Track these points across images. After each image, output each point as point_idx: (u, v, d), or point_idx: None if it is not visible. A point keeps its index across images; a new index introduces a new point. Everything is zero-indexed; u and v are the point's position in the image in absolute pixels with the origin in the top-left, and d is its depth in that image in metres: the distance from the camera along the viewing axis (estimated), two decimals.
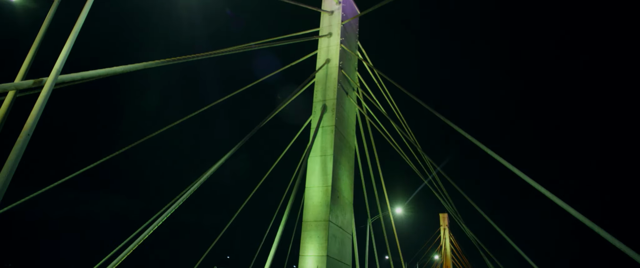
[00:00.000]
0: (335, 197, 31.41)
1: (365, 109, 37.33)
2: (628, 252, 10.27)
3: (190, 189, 21.50)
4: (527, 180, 13.69)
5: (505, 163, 14.73)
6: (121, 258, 17.86)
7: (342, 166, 33.41)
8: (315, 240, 29.91)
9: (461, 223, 29.54)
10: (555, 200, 12.55)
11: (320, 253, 29.94)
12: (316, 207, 31.04)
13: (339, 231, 31.85)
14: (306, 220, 30.89)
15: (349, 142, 35.91)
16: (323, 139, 33.16)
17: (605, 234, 10.83)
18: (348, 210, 34.42)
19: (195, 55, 18.92)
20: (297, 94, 31.88)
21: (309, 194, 32.13)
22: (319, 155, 32.55)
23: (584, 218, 11.62)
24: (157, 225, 19.32)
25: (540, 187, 13.11)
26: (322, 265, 29.39)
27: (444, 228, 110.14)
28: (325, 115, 33.92)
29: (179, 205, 20.74)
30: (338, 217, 32.13)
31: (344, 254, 33.35)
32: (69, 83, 9.40)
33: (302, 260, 30.95)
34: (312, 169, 32.87)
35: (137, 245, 18.29)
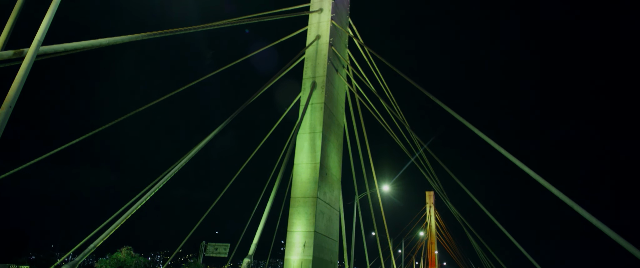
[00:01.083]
0: (323, 174, 31.75)
1: (355, 86, 37.23)
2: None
3: (178, 165, 21.39)
4: (504, 153, 13.91)
5: (491, 143, 14.91)
6: (110, 232, 17.86)
7: (330, 143, 33.62)
8: (303, 216, 30.28)
9: (446, 201, 30.07)
10: (533, 175, 12.80)
11: (308, 229, 30.41)
12: (304, 184, 31.35)
13: (326, 207, 32.30)
14: (294, 196, 31.19)
15: (338, 119, 36.03)
16: (312, 116, 33.16)
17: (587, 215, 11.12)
18: (336, 187, 34.84)
19: (184, 28, 18.45)
20: (286, 71, 31.51)
21: (297, 171, 32.39)
22: (308, 132, 32.64)
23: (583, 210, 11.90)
24: (145, 200, 19.27)
25: (521, 164, 13.35)
26: (309, 241, 29.90)
27: (430, 206, 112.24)
28: (315, 92, 33.88)
29: (166, 181, 20.64)
30: (326, 194, 32.57)
31: (331, 230, 33.92)
32: (51, 55, 9.13)
33: (290, 236, 31.43)
34: (300, 146, 33.05)
35: (125, 219, 18.26)
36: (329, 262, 34.56)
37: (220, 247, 37.96)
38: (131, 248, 33.45)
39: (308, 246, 31.41)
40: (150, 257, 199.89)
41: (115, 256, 32.53)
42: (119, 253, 32.61)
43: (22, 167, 21.94)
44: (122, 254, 32.48)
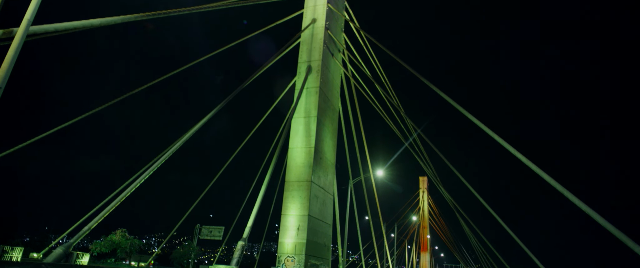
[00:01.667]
0: (318, 158, 31.77)
1: (351, 71, 37.00)
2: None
3: (173, 148, 21.33)
4: (497, 139, 14.03)
5: (484, 129, 15.00)
6: (104, 214, 17.87)
7: (325, 128, 33.58)
8: (297, 200, 30.45)
9: (439, 186, 30.35)
10: (526, 162, 12.95)
11: (302, 213, 30.63)
12: (299, 168, 31.42)
13: (320, 191, 32.47)
14: (289, 180, 31.28)
15: (333, 104, 35.94)
16: (307, 100, 33.06)
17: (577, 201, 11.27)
18: (330, 172, 34.95)
19: (176, 10, 18.13)
20: (281, 54, 31.22)
21: (292, 155, 32.43)
22: (303, 117, 32.55)
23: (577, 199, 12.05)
24: (139, 183, 19.27)
25: (510, 148, 13.48)
26: (303, 224, 30.14)
27: (423, 191, 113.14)
28: (310, 76, 33.68)
29: (161, 164, 20.61)
30: (320, 178, 32.67)
31: (325, 214, 34.15)
32: (41, 35, 8.97)
33: (284, 219, 31.66)
34: (295, 130, 32.99)
35: (120, 201, 18.25)
36: (323, 245, 34.96)
37: (214, 230, 38.19)
38: (126, 231, 33.57)
39: (302, 229, 31.71)
40: (145, 239, 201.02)
41: (109, 238, 32.64)
42: (113, 236, 32.71)
43: (14, 149, 21.78)
44: (116, 236, 32.60)
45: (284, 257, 32.96)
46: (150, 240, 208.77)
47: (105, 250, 32.70)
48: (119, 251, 32.89)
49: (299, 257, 32.09)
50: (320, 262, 35.71)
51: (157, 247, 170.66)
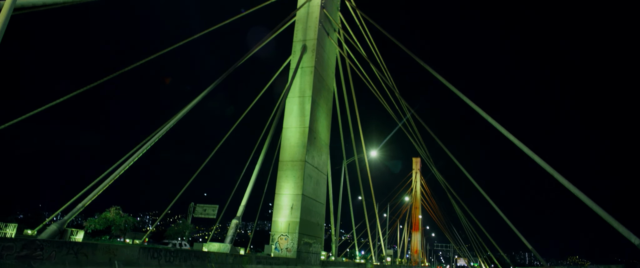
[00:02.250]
0: (312, 138, 31.82)
1: (346, 50, 36.75)
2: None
3: (166, 126, 21.27)
4: (490, 121, 14.13)
5: (479, 110, 15.07)
6: (98, 192, 17.91)
7: (320, 108, 33.51)
8: (291, 179, 30.66)
9: (431, 166, 30.66)
10: (520, 145, 13.08)
11: (296, 192, 30.90)
12: (293, 147, 31.50)
13: (314, 171, 32.66)
14: (283, 160, 31.43)
15: (327, 84, 35.76)
16: (302, 80, 32.86)
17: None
18: (324, 152, 35.13)
19: None
20: (276, 33, 30.91)
21: (286, 135, 32.43)
22: (298, 96, 32.44)
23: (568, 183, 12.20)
24: (133, 161, 19.28)
25: (502, 129, 13.59)
26: (297, 203, 30.44)
27: (416, 172, 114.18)
28: (305, 55, 33.44)
29: (155, 142, 20.57)
30: (314, 158, 32.81)
31: (318, 193, 34.48)
32: (29, 9, 8.77)
33: (278, 198, 31.93)
34: (290, 110, 32.92)
35: (114, 179, 18.28)
36: (316, 224, 35.42)
37: (208, 209, 38.48)
38: (120, 208, 33.66)
39: (296, 208, 32.05)
40: (140, 217, 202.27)
41: (103, 215, 32.74)
42: (107, 213, 32.81)
43: (5, 126, 21.57)
44: (111, 214, 32.70)
45: (278, 235, 33.40)
46: (145, 218, 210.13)
47: (100, 227, 32.85)
48: (114, 228, 33.04)
49: (292, 235, 32.53)
50: (313, 240, 36.25)
51: (151, 225, 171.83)
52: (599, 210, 10.57)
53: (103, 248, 14.88)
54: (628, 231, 9.98)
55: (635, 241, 9.72)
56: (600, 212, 10.39)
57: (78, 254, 13.75)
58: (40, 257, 12.40)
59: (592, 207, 10.86)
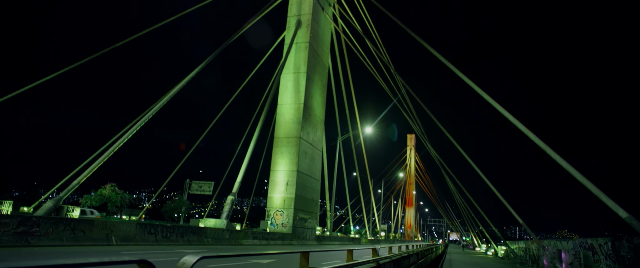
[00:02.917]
0: (307, 115, 31.73)
1: (341, 26, 36.26)
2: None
3: (160, 103, 21.10)
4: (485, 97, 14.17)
5: (474, 86, 15.08)
6: (93, 169, 17.89)
7: (315, 84, 33.29)
8: (286, 156, 30.73)
9: (426, 143, 30.81)
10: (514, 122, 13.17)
11: (291, 168, 31.05)
12: (288, 124, 31.44)
13: (309, 147, 32.72)
14: (278, 137, 31.40)
15: (322, 59, 35.41)
16: (296, 56, 32.48)
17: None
18: (319, 128, 35.12)
19: None
20: (270, 7, 30.38)
21: (281, 111, 32.31)
22: (292, 72, 32.16)
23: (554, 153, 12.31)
24: (127, 138, 19.20)
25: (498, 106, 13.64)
26: (292, 179, 30.65)
27: (410, 148, 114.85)
28: (300, 31, 32.97)
29: (149, 118, 20.45)
30: (309, 134, 32.80)
31: (313, 169, 34.68)
32: None
33: (273, 175, 32.13)
34: (284, 86, 32.72)
35: (108, 156, 18.24)
36: (311, 200, 35.81)
37: (204, 185, 38.65)
38: (115, 185, 33.73)
39: (291, 185, 32.31)
40: (136, 194, 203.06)
41: (99, 192, 32.83)
42: (103, 190, 32.89)
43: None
44: (106, 190, 32.78)
45: (273, 211, 33.81)
46: (141, 195, 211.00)
47: (96, 204, 33.00)
48: (110, 205, 33.22)
49: (287, 211, 32.94)
50: (309, 216, 36.76)
51: (147, 202, 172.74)
52: (589, 184, 10.75)
53: (100, 225, 14.99)
54: (616, 205, 10.20)
55: (622, 214, 9.94)
56: (590, 187, 10.58)
57: (75, 230, 13.85)
58: (37, 233, 12.47)
59: (582, 182, 11.04)
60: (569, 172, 11.16)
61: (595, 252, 14.74)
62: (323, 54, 36.88)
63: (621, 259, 12.51)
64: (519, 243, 32.68)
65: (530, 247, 26.98)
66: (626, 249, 12.19)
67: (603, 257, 14.04)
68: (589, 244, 15.36)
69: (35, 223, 12.55)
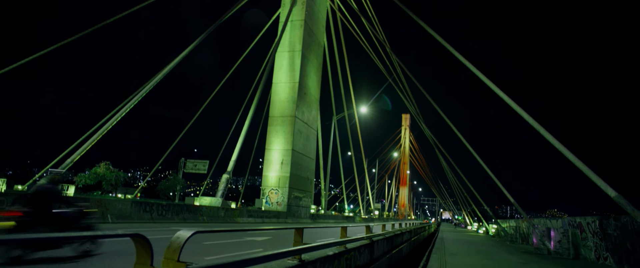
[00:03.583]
0: (302, 94, 31.59)
1: (337, 3, 35.77)
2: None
3: (154, 80, 20.87)
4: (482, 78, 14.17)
5: (470, 66, 15.05)
6: (87, 147, 17.81)
7: (310, 62, 33.02)
8: (281, 135, 30.72)
9: (421, 123, 30.92)
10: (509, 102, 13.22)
11: (286, 147, 31.10)
12: (283, 103, 31.31)
13: (304, 126, 32.69)
14: (272, 115, 31.29)
15: (318, 38, 35.02)
16: (292, 34, 32.11)
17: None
18: (314, 107, 35.00)
19: None
20: None
21: (275, 90, 32.15)
22: (287, 51, 31.84)
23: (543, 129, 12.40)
24: (120, 116, 19.06)
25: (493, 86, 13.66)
26: (287, 158, 30.73)
27: (405, 128, 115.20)
28: (295, 8, 32.53)
29: (142, 97, 20.27)
30: (304, 113, 32.73)
31: (308, 149, 34.76)
32: None
33: (268, 154, 32.17)
34: (279, 64, 32.43)
35: (102, 134, 18.14)
36: (306, 179, 36.06)
37: (199, 164, 38.72)
38: (110, 163, 33.70)
39: (285, 163, 32.45)
40: (131, 173, 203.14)
41: (94, 170, 32.81)
42: (97, 168, 32.87)
43: None
44: (101, 169, 32.76)
45: (268, 189, 34.05)
46: (136, 174, 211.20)
47: (90, 182, 33.03)
48: (105, 183, 33.27)
49: (282, 189, 33.19)
50: (303, 194, 37.08)
51: (142, 181, 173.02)
52: (579, 163, 10.90)
53: (95, 202, 15.04)
54: (605, 184, 10.37)
55: (611, 193, 10.12)
56: (580, 165, 10.73)
57: None
58: None
59: (574, 162, 11.18)
60: (561, 151, 11.29)
61: (583, 230, 15.07)
62: (318, 32, 36.43)
63: (608, 237, 12.82)
64: (510, 222, 33.30)
65: (520, 225, 27.51)
66: (613, 227, 12.47)
67: (590, 234, 14.37)
68: (577, 223, 15.68)
69: None
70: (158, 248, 2.47)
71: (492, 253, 14.99)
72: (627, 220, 11.40)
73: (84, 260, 5.27)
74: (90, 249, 5.97)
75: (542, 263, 12.21)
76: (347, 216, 52.36)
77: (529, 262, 12.14)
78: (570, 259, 14.77)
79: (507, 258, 12.89)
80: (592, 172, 10.32)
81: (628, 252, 11.38)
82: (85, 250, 5.87)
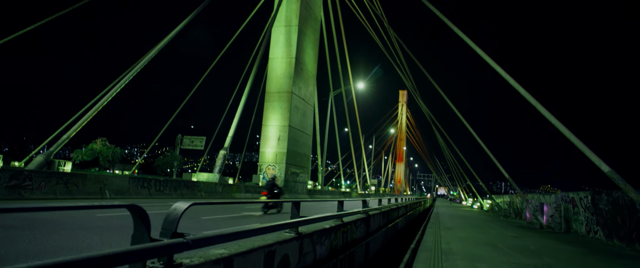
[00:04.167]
0: (298, 69, 31.35)
1: None
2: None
3: (148, 56, 20.59)
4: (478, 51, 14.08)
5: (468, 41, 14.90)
6: (82, 123, 17.72)
7: (306, 37, 32.64)
8: (278, 111, 30.64)
9: (417, 98, 30.84)
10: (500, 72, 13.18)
11: (283, 123, 31.05)
12: (279, 79, 31.09)
13: (301, 102, 32.58)
14: (269, 91, 31.16)
15: (315, 12, 34.51)
16: (288, 8, 31.59)
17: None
18: (311, 83, 34.84)
19: None
20: None
21: (272, 65, 31.86)
22: (284, 25, 31.40)
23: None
24: (115, 92, 18.89)
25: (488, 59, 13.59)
26: (284, 134, 30.74)
27: (402, 105, 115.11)
28: None
29: (137, 72, 20.04)
30: (301, 89, 32.56)
31: (305, 124, 34.74)
32: None
33: (265, 129, 32.18)
34: (276, 40, 32.04)
35: (97, 110, 18.02)
36: (303, 155, 36.21)
37: (196, 140, 38.70)
38: (106, 139, 33.64)
39: (282, 139, 32.51)
40: (127, 149, 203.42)
41: (90, 147, 32.77)
42: (94, 144, 32.82)
43: None
44: (97, 145, 32.72)
45: (265, 165, 34.22)
46: (133, 150, 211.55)
47: (87, 158, 33.05)
48: (101, 159, 33.29)
49: (279, 165, 33.36)
50: (300, 170, 37.32)
51: (139, 157, 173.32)
52: (574, 139, 10.97)
53: (93, 178, 15.10)
54: (599, 159, 10.47)
55: (605, 169, 10.23)
56: (575, 141, 10.80)
57: (68, 184, 13.95)
58: (29, 186, 12.55)
59: (569, 137, 11.25)
60: (557, 127, 11.34)
61: (575, 205, 15.34)
62: (315, 6, 35.80)
63: (599, 211, 13.06)
64: (504, 197, 33.80)
65: (514, 200, 27.95)
66: (604, 202, 12.69)
67: (582, 209, 14.63)
68: (570, 198, 15.94)
69: (28, 177, 12.60)
70: (157, 225, 2.49)
71: (486, 227, 15.27)
72: (619, 195, 11.58)
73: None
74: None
75: (534, 237, 12.47)
76: (343, 192, 52.94)
77: (522, 236, 12.39)
78: (561, 233, 15.09)
79: (500, 232, 13.15)
80: (587, 147, 10.41)
81: (618, 226, 11.62)
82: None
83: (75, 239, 5.38)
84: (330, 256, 6.48)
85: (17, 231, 5.72)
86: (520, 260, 7.19)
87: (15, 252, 4.27)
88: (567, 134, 11.23)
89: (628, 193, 9.26)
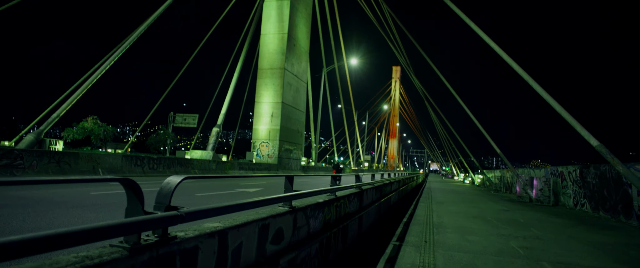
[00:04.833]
0: (291, 45, 31.02)
1: None
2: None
3: (137, 32, 20.22)
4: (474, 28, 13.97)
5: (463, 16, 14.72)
6: (72, 102, 17.53)
7: (299, 13, 32.21)
8: (270, 87, 30.50)
9: (411, 74, 30.77)
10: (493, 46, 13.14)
11: (276, 100, 30.98)
12: (271, 55, 30.80)
13: (294, 79, 32.39)
14: (262, 68, 30.90)
15: None
16: None
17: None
18: (304, 59, 34.56)
19: None
20: None
21: (264, 41, 31.49)
22: (275, 0, 30.82)
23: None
24: (104, 70, 18.61)
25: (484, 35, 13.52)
26: (277, 111, 30.72)
27: (395, 81, 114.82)
28: None
29: (125, 49, 19.71)
30: (294, 65, 32.32)
31: (298, 101, 34.67)
32: None
33: (257, 107, 32.12)
34: (267, 15, 31.60)
35: (87, 88, 17.79)
36: (296, 132, 36.25)
37: (188, 118, 38.49)
38: (97, 118, 33.33)
39: (276, 116, 32.45)
40: (119, 128, 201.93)
41: (81, 125, 32.49)
42: (85, 123, 32.53)
43: None
44: (88, 123, 32.43)
45: (259, 142, 34.25)
46: (125, 129, 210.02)
47: (79, 136, 32.80)
48: (93, 138, 33.07)
49: (273, 142, 33.41)
50: (294, 147, 37.42)
51: (131, 135, 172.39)
52: (564, 113, 11.07)
53: (86, 157, 15.04)
54: (588, 134, 10.60)
55: (594, 143, 10.38)
56: (564, 114, 10.90)
57: (61, 163, 13.89)
58: (21, 165, 12.47)
59: (559, 111, 11.35)
60: (547, 101, 11.42)
61: (564, 179, 15.64)
62: None
63: (587, 185, 13.35)
64: (495, 172, 34.31)
65: (505, 175, 28.40)
66: (592, 175, 12.96)
67: (571, 183, 14.93)
68: (559, 172, 16.23)
69: (18, 156, 12.51)
70: (151, 202, 2.51)
71: (476, 201, 15.57)
72: (606, 169, 11.80)
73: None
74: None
75: (523, 210, 12.76)
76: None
77: (511, 209, 12.67)
78: (549, 206, 15.44)
79: (490, 206, 13.42)
80: (577, 121, 10.53)
81: (604, 199, 11.90)
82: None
83: (70, 216, 5.42)
84: (323, 230, 6.59)
85: (11, 209, 5.73)
86: (509, 232, 7.38)
87: (10, 230, 4.30)
88: (557, 108, 11.32)
89: (615, 166, 9.44)
